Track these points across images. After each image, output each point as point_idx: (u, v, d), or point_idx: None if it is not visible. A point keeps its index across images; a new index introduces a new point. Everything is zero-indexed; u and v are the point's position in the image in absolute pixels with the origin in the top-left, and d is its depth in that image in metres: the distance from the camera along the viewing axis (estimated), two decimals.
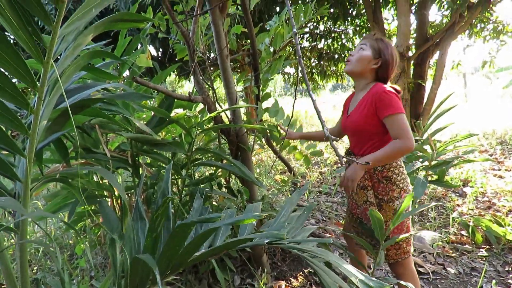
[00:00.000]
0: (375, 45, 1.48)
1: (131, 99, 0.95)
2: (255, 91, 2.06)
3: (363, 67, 1.49)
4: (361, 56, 1.48)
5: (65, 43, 0.70)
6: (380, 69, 1.49)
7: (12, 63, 0.61)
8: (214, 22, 1.80)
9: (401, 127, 1.33)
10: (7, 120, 0.64)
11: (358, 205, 1.53)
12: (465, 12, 3.95)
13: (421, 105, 4.66)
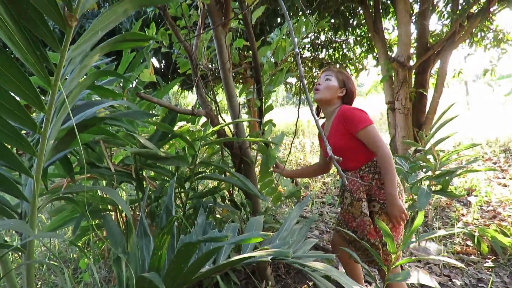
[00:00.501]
0: (339, 76, 1.70)
1: (135, 117, 0.96)
2: (258, 103, 2.08)
3: (332, 95, 1.67)
4: (329, 85, 1.68)
5: (72, 65, 0.72)
6: (345, 97, 1.70)
7: (21, 87, 0.63)
8: (216, 36, 1.83)
9: (375, 139, 1.50)
10: (15, 142, 0.65)
11: (355, 217, 1.58)
12: (465, 22, 3.97)
13: (423, 114, 4.66)
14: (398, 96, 4.43)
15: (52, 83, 0.66)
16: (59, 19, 0.62)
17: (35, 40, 0.64)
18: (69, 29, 0.64)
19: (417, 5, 5.57)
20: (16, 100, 0.63)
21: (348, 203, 1.62)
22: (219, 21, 1.78)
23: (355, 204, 1.57)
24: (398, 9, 4.23)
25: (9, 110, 0.64)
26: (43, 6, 0.60)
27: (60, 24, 0.63)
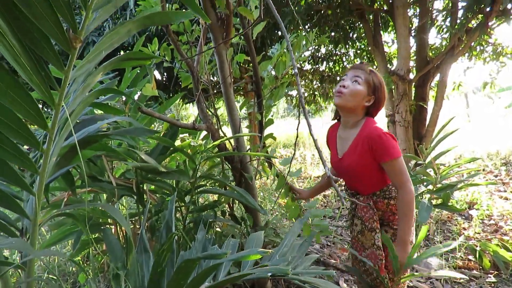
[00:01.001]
0: (370, 80, 1.40)
1: (137, 134, 0.98)
2: (258, 117, 2.09)
3: (356, 103, 1.40)
4: (357, 91, 1.38)
5: (75, 84, 0.73)
6: (372, 107, 1.43)
7: (25, 106, 0.64)
8: (217, 52, 1.85)
9: (401, 173, 1.32)
10: (18, 160, 0.66)
11: (365, 247, 1.45)
12: (464, 36, 4.02)
13: (423, 126, 4.68)
14: (398, 109, 4.45)
15: (56, 103, 0.67)
16: (64, 40, 0.64)
17: (40, 60, 0.65)
18: (73, 51, 0.65)
19: (416, 19, 5.65)
20: (19, 118, 0.65)
21: (358, 231, 1.47)
22: (221, 36, 1.80)
23: (367, 234, 1.43)
24: (397, 23, 4.28)
25: (12, 128, 0.65)
26: (48, 28, 0.61)
27: (65, 46, 0.64)
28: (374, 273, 1.42)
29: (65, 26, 0.65)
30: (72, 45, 0.65)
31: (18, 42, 0.61)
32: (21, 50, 0.61)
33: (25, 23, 0.61)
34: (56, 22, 0.61)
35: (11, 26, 0.60)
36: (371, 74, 1.42)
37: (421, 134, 4.67)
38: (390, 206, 1.43)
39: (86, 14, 0.65)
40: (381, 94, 1.42)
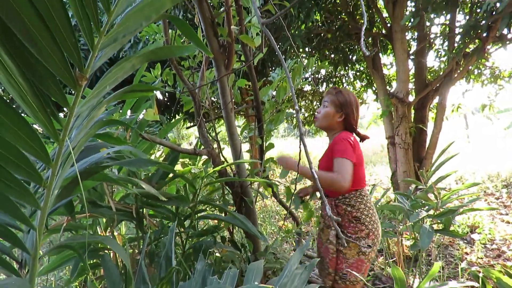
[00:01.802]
0: (335, 100, 1.64)
1: (139, 165, 0.99)
2: (259, 141, 2.10)
3: (329, 122, 1.66)
4: (326, 113, 1.66)
5: (80, 119, 0.74)
6: (345, 121, 1.65)
7: (29, 142, 0.65)
8: (219, 78, 1.88)
9: (342, 167, 1.48)
10: (21, 196, 0.66)
11: (322, 242, 1.65)
12: (462, 61, 4.08)
13: (423, 149, 4.69)
14: (398, 131, 4.47)
15: (60, 139, 0.68)
16: (70, 79, 0.65)
17: (45, 98, 0.66)
18: (79, 88, 0.67)
19: (415, 42, 5.75)
20: (23, 154, 0.65)
21: (320, 228, 1.70)
22: (223, 63, 1.83)
23: (325, 230, 1.63)
24: (396, 47, 4.35)
25: (15, 164, 0.66)
26: (55, 67, 0.63)
27: (71, 84, 0.66)
28: (328, 268, 1.60)
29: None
30: (78, 83, 0.66)
31: (25, 81, 0.63)
32: (28, 89, 0.63)
33: (32, 62, 0.63)
34: (63, 61, 0.63)
35: (19, 65, 0.62)
36: (337, 94, 1.66)
37: (421, 156, 4.67)
38: (347, 213, 1.59)
39: (93, 54, 0.66)
40: (349, 109, 1.64)
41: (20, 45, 0.61)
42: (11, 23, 0.58)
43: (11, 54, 0.61)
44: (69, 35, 0.62)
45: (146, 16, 0.72)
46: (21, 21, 0.58)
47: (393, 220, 4.06)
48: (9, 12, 0.57)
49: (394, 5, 4.27)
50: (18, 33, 0.59)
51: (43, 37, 0.60)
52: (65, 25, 0.61)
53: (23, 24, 0.58)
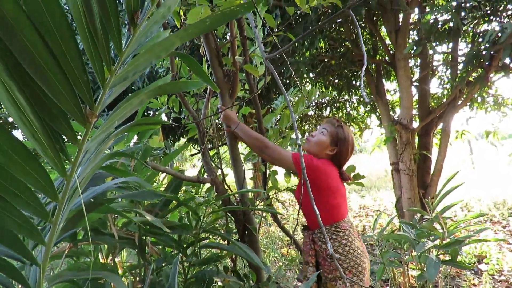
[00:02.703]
0: (334, 133, 1.60)
1: (144, 198, 0.99)
2: (262, 168, 2.10)
3: (319, 150, 1.61)
4: (320, 140, 1.61)
5: (88, 153, 0.75)
6: (335, 156, 1.61)
7: (37, 179, 0.65)
8: (224, 106, 1.90)
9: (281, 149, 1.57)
10: (26, 231, 0.66)
11: (303, 279, 1.58)
12: (465, 89, 4.11)
13: (428, 175, 4.66)
14: (402, 157, 4.46)
15: (67, 175, 0.69)
16: (80, 116, 0.67)
17: (55, 134, 0.67)
18: (88, 125, 0.68)
19: (418, 69, 5.82)
20: (31, 190, 0.66)
21: (301, 262, 1.64)
22: (227, 92, 1.86)
23: (304, 266, 1.56)
24: (399, 75, 4.40)
25: (22, 199, 0.66)
26: (66, 105, 0.64)
27: (81, 121, 0.67)
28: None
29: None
30: (88, 120, 0.67)
31: (37, 119, 0.64)
32: (39, 126, 0.64)
33: (44, 100, 0.65)
34: (74, 99, 0.65)
35: (31, 103, 0.63)
36: (338, 128, 1.62)
37: (426, 183, 4.64)
38: (322, 250, 1.50)
39: (103, 92, 0.68)
40: (344, 147, 1.59)
41: (33, 83, 0.63)
42: (24, 62, 0.60)
43: (24, 92, 0.62)
44: (81, 74, 0.64)
45: (156, 55, 0.73)
46: (34, 59, 0.60)
47: (398, 249, 3.99)
48: (22, 50, 0.59)
49: (397, 33, 4.35)
50: (31, 71, 0.61)
51: (55, 76, 0.62)
52: (77, 64, 0.63)
53: (36, 63, 0.60)
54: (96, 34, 0.62)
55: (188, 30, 0.77)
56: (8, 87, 0.59)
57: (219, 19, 0.83)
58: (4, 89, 0.60)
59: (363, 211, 6.92)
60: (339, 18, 4.57)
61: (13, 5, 0.56)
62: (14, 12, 0.56)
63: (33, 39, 0.59)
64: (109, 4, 0.62)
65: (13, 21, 0.56)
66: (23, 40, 0.58)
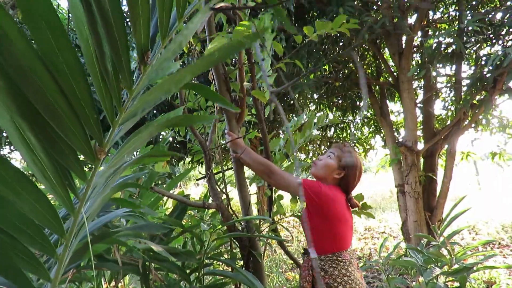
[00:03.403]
0: (342, 157, 1.61)
1: (150, 230, 0.99)
2: (268, 193, 2.09)
3: (326, 173, 1.61)
4: (327, 164, 1.61)
5: (96, 188, 0.75)
6: (342, 180, 1.60)
7: (45, 215, 0.65)
8: (230, 131, 1.91)
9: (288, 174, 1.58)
10: (32, 268, 0.66)
11: None
12: (469, 111, 4.11)
13: (434, 198, 4.61)
14: (408, 179, 4.43)
15: (75, 211, 0.69)
16: (89, 153, 0.67)
17: (64, 171, 0.68)
18: (97, 162, 0.68)
19: (421, 90, 5.84)
20: (39, 227, 0.66)
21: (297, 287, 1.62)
22: (234, 117, 1.87)
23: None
24: (403, 97, 4.42)
25: (30, 236, 0.66)
26: (76, 142, 0.65)
27: (90, 158, 0.67)
28: None
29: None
30: (97, 157, 0.68)
31: (47, 157, 0.64)
32: (48, 164, 0.64)
33: (54, 138, 0.65)
34: (84, 137, 0.65)
35: (41, 141, 0.64)
36: (346, 152, 1.62)
37: (432, 206, 4.58)
38: (320, 277, 1.47)
39: (113, 129, 0.68)
40: (352, 171, 1.59)
41: (43, 122, 0.64)
42: (36, 101, 0.61)
43: (35, 131, 0.63)
44: (91, 112, 0.65)
45: (166, 90, 0.74)
46: (45, 98, 0.61)
47: (405, 275, 3.91)
48: (34, 90, 0.60)
49: (400, 56, 4.40)
50: (42, 110, 0.62)
51: (66, 114, 0.63)
52: (88, 102, 0.64)
53: (47, 102, 0.61)
54: (107, 75, 0.64)
55: (198, 64, 0.79)
56: (20, 128, 0.60)
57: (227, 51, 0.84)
58: (16, 129, 0.60)
59: (368, 233, 6.83)
60: (342, 41, 4.64)
61: (26, 45, 0.57)
62: (27, 52, 0.57)
63: (45, 79, 0.60)
64: (120, 45, 0.63)
65: (25, 61, 0.58)
66: (35, 80, 0.59)
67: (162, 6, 0.65)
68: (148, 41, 0.68)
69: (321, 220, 1.49)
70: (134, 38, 0.66)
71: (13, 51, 0.55)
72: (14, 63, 0.57)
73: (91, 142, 0.67)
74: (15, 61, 0.57)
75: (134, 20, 0.65)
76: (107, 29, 0.63)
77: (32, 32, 0.57)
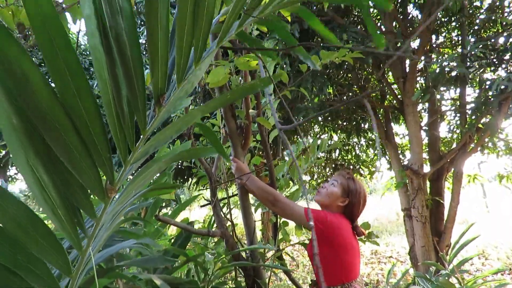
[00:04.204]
0: (345, 184, 1.60)
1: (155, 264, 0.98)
2: (273, 219, 2.08)
3: (330, 202, 1.60)
4: (331, 192, 1.61)
5: (104, 225, 0.76)
6: (346, 208, 1.60)
7: (54, 254, 0.65)
8: (236, 157, 1.92)
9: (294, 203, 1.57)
10: None
11: None
12: (475, 135, 4.10)
13: (441, 222, 4.54)
14: (414, 203, 4.38)
15: (83, 249, 0.69)
16: (100, 191, 0.68)
17: (74, 209, 0.68)
18: (107, 200, 0.69)
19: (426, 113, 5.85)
20: (44, 264, 0.66)
21: None
22: (239, 143, 1.88)
23: None
24: (407, 120, 4.43)
25: (35, 274, 0.66)
26: (88, 181, 0.66)
27: (100, 196, 0.68)
28: None
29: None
30: (107, 195, 0.68)
31: (57, 194, 0.65)
32: (59, 202, 0.65)
33: (66, 176, 0.66)
34: (96, 175, 0.66)
35: (53, 179, 0.65)
36: (348, 180, 1.63)
37: (440, 230, 4.50)
38: None
39: (124, 168, 0.69)
40: (356, 199, 1.59)
41: (57, 161, 0.65)
42: (51, 141, 0.62)
43: (48, 170, 0.64)
44: (104, 151, 0.66)
45: (177, 129, 0.76)
46: (61, 139, 0.62)
47: None
48: (51, 131, 0.61)
49: (404, 80, 4.43)
50: (57, 150, 0.63)
51: (79, 153, 0.64)
52: (102, 142, 0.65)
53: (62, 142, 0.62)
54: (122, 115, 0.65)
55: (209, 104, 0.80)
56: (33, 166, 0.61)
57: (239, 93, 0.86)
58: (29, 168, 0.61)
59: (375, 257, 6.70)
60: (346, 65, 4.70)
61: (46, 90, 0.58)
62: (47, 96, 0.59)
63: (62, 119, 0.61)
64: (138, 87, 0.65)
65: (44, 103, 0.59)
66: (52, 120, 0.60)
67: (180, 53, 0.67)
68: (165, 85, 0.70)
69: (328, 249, 1.47)
70: (151, 80, 0.68)
71: (34, 95, 0.57)
72: (33, 105, 0.58)
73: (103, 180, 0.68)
74: (35, 104, 0.58)
75: (152, 66, 0.67)
76: (126, 71, 0.65)
77: (52, 73, 0.59)
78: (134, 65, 0.65)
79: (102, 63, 0.61)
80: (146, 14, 0.64)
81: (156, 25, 0.64)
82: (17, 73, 0.54)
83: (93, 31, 0.59)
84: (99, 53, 0.60)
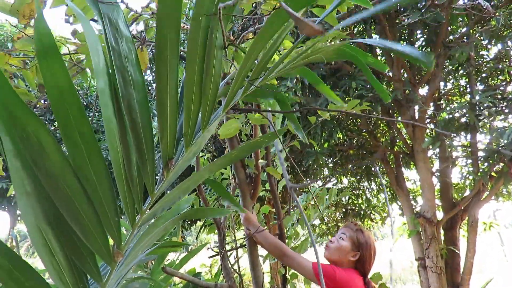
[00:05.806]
0: (354, 237, 1.54)
1: None
2: (282, 271, 2.02)
3: (341, 256, 1.53)
4: (340, 246, 1.54)
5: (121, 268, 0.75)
6: (358, 262, 1.52)
7: None
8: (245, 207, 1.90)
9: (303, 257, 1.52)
10: None
11: None
12: (488, 183, 4.02)
13: (458, 273, 4.34)
14: (428, 253, 4.22)
15: None
16: (107, 255, 0.68)
17: (80, 274, 0.68)
18: (113, 264, 0.68)
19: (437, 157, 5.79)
20: None
21: None
22: (248, 193, 1.88)
23: None
24: (418, 166, 4.39)
25: None
26: (95, 246, 0.66)
27: (107, 260, 0.68)
28: None
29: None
30: (114, 259, 0.68)
31: (65, 259, 0.65)
32: (66, 267, 0.65)
33: (75, 240, 0.66)
34: (104, 240, 0.66)
35: (61, 243, 0.65)
36: (357, 232, 1.56)
37: (457, 282, 4.30)
38: None
39: (132, 231, 0.70)
40: (367, 252, 1.52)
41: (66, 225, 0.66)
42: (61, 207, 0.63)
43: (57, 234, 0.65)
44: (113, 216, 0.67)
45: (185, 189, 0.77)
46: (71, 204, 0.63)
47: None
48: (62, 195, 0.62)
49: (414, 127, 4.44)
50: (66, 214, 0.64)
51: (89, 218, 0.65)
52: (111, 207, 0.66)
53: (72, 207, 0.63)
54: (131, 180, 0.66)
55: (216, 162, 0.82)
56: (43, 233, 0.61)
57: (246, 150, 0.88)
58: (39, 232, 0.62)
59: None
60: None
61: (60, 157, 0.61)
62: (60, 163, 0.61)
63: (73, 185, 0.63)
64: (147, 153, 0.67)
65: (57, 170, 0.61)
66: (63, 186, 0.62)
67: (188, 121, 0.69)
68: (173, 151, 0.71)
69: None
70: (160, 146, 0.70)
71: (48, 163, 0.59)
72: (47, 172, 0.60)
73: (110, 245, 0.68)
74: (48, 171, 0.60)
75: (162, 133, 0.69)
76: (136, 137, 0.67)
77: (66, 141, 0.61)
78: (144, 132, 0.68)
79: (115, 133, 0.64)
80: (157, 86, 0.67)
81: (166, 96, 0.67)
82: (34, 145, 0.56)
83: (106, 102, 0.62)
84: (112, 124, 0.63)
